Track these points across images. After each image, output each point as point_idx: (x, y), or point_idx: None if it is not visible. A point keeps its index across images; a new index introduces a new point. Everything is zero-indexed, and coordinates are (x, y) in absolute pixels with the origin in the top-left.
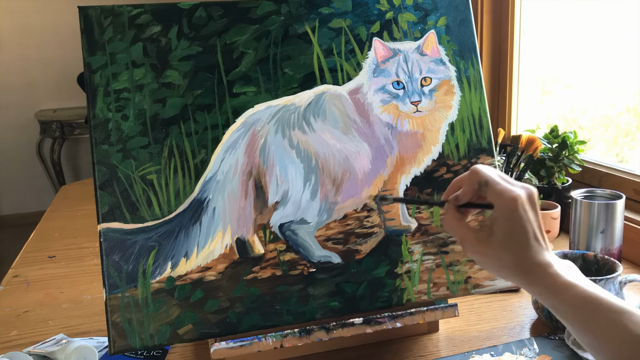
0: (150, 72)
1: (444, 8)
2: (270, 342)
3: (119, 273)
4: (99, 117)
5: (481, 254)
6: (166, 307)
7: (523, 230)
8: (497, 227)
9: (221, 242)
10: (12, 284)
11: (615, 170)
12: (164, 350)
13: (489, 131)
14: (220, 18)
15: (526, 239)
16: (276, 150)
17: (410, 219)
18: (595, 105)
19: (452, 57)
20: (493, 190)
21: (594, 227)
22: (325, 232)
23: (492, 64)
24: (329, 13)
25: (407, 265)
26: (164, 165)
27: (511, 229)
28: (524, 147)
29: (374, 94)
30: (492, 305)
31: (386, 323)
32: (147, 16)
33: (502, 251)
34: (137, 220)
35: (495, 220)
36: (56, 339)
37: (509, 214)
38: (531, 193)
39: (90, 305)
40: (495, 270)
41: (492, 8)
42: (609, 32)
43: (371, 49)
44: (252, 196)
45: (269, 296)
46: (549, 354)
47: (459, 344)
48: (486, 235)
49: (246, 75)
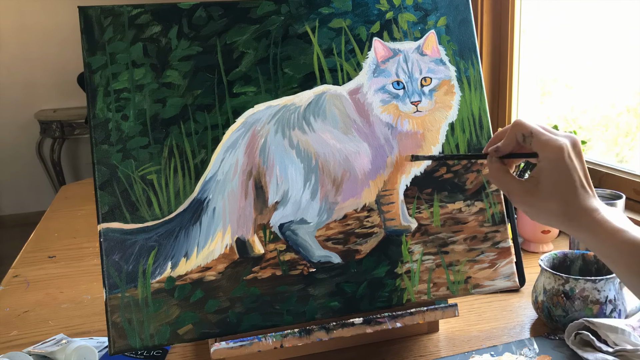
0: (150, 72)
1: (444, 8)
2: (270, 342)
3: (119, 273)
4: (99, 117)
5: (529, 204)
6: (166, 307)
7: (570, 178)
8: (544, 176)
9: (221, 242)
10: (12, 284)
11: (615, 170)
12: (164, 350)
13: (489, 131)
14: (220, 18)
15: (573, 187)
16: (276, 150)
17: (411, 219)
18: (595, 105)
19: (452, 57)
20: (538, 140)
21: None
22: (325, 232)
23: (492, 64)
24: (329, 13)
25: (407, 265)
26: (164, 165)
27: (558, 177)
28: None
29: (374, 94)
30: (492, 305)
31: (386, 323)
32: (147, 16)
33: (550, 200)
34: (137, 220)
35: (542, 170)
36: (56, 339)
37: (555, 163)
38: (575, 141)
39: (90, 305)
40: (544, 219)
41: (492, 8)
42: (609, 32)
43: (371, 49)
44: (252, 196)
45: (269, 296)
46: (549, 354)
47: (459, 344)
48: (533, 185)
49: (246, 75)
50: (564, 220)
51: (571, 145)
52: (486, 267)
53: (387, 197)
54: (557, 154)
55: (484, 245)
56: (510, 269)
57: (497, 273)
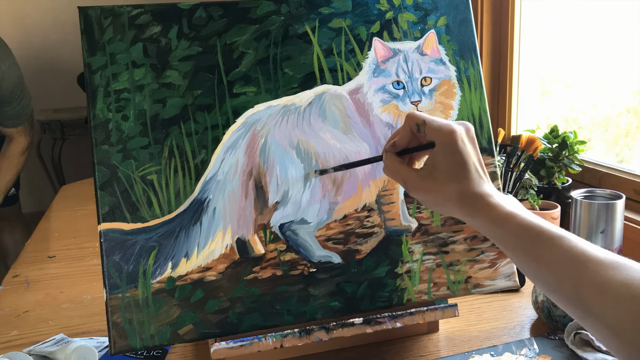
0: (151, 73)
1: (444, 8)
2: (270, 342)
3: (119, 273)
4: (99, 118)
5: (424, 191)
6: (167, 307)
7: (464, 161)
8: (438, 161)
9: (221, 242)
10: (12, 284)
11: (615, 170)
12: (164, 350)
13: (489, 131)
14: (220, 18)
15: (467, 170)
16: (276, 151)
17: (411, 219)
18: (595, 105)
19: (452, 57)
20: (431, 127)
21: (594, 227)
22: (325, 232)
23: (492, 64)
24: (329, 13)
25: (407, 265)
26: (164, 166)
27: (452, 161)
28: (524, 147)
29: (374, 94)
30: (492, 305)
31: (386, 323)
32: (147, 16)
33: (445, 185)
34: (137, 221)
35: (437, 154)
36: (56, 339)
37: (449, 147)
38: (468, 127)
39: (90, 305)
40: (440, 205)
41: (492, 8)
42: (609, 32)
43: (371, 49)
44: (252, 196)
45: (270, 296)
46: (549, 354)
47: (459, 344)
48: (428, 172)
49: (246, 76)
50: (460, 205)
51: (464, 130)
52: (486, 266)
53: (388, 197)
54: (451, 137)
55: (484, 245)
56: (511, 268)
57: (497, 273)
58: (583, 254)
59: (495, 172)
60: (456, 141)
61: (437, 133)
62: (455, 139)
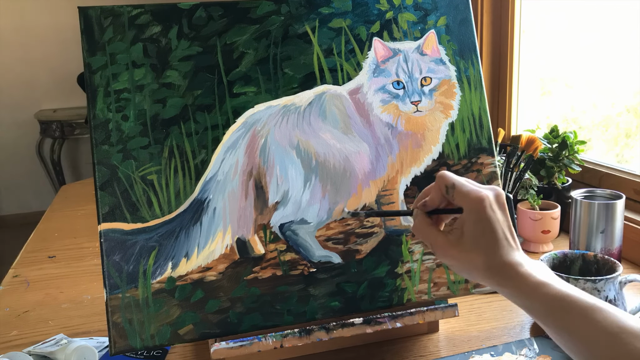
0: (151, 73)
1: (444, 8)
2: (270, 342)
3: (119, 273)
4: (99, 118)
5: (452, 257)
6: (167, 308)
7: (492, 230)
8: (466, 228)
9: (222, 242)
10: (12, 284)
11: (615, 170)
12: (164, 350)
13: (489, 131)
14: (220, 18)
15: (496, 239)
16: (276, 151)
17: (411, 219)
18: (595, 105)
19: (452, 57)
20: (460, 191)
21: (594, 227)
22: (325, 232)
23: (492, 64)
24: (329, 13)
25: (407, 265)
26: (164, 166)
27: (480, 229)
28: (524, 147)
29: (374, 93)
30: (492, 305)
31: (386, 323)
32: (147, 16)
33: (472, 252)
34: (137, 221)
35: (465, 221)
36: (56, 339)
37: (477, 214)
38: (498, 193)
39: (90, 305)
40: (467, 273)
41: (492, 8)
42: (609, 32)
43: (371, 48)
44: (252, 196)
45: (270, 296)
46: (549, 354)
47: (459, 344)
48: (456, 238)
49: (246, 76)
50: (488, 274)
51: (494, 197)
52: None
53: (388, 197)
54: (479, 204)
55: None
56: None
57: None
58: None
59: (495, 172)
60: (484, 209)
61: (465, 199)
62: (483, 207)
